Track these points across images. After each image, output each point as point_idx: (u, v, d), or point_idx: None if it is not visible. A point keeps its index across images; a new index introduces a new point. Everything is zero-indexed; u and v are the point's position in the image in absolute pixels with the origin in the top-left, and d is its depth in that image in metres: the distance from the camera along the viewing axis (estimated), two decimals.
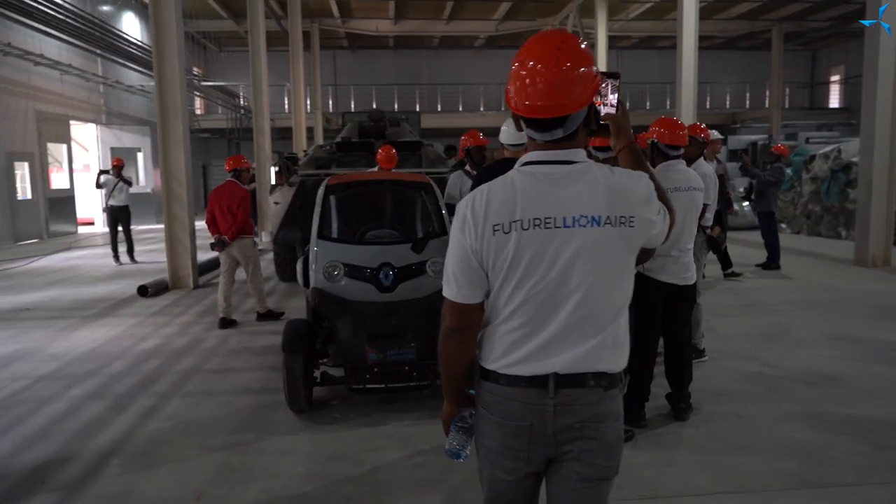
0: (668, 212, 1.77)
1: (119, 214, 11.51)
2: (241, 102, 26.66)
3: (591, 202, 1.63)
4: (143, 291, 8.62)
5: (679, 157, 4.16)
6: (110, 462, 3.76)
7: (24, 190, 15.85)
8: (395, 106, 28.33)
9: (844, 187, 13.12)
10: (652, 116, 7.38)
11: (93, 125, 19.48)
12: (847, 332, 6.21)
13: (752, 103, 31.75)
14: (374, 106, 23.80)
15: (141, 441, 4.06)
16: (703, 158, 5.11)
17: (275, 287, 9.22)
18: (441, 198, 4.94)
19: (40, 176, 16.40)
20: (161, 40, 9.01)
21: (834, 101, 32.09)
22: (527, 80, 1.63)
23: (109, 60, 18.97)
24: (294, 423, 4.28)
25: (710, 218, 5.07)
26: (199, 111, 27.64)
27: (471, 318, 1.73)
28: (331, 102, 29.98)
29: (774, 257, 9.73)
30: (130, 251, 11.76)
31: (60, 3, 15.02)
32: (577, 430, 1.68)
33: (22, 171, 15.83)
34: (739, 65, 31.55)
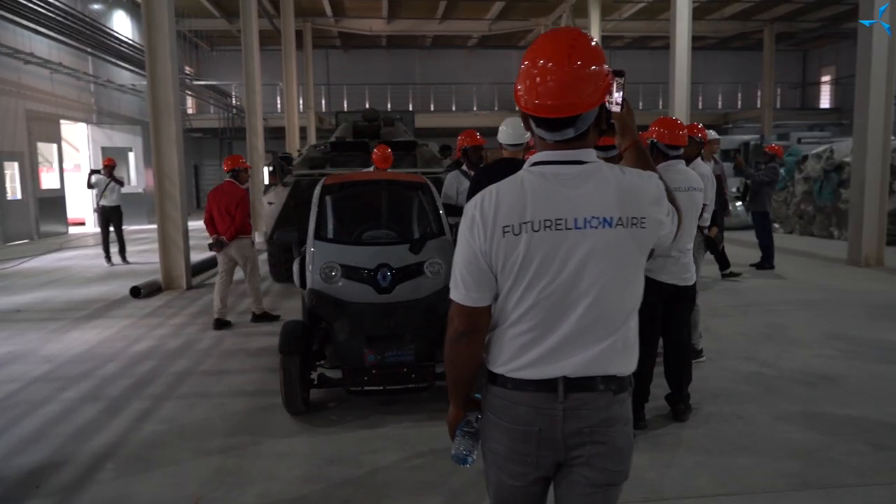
0: (676, 212, 1.75)
1: (110, 215, 11.40)
2: (234, 102, 26.56)
3: (602, 203, 1.60)
4: (136, 292, 8.54)
5: (679, 157, 4.16)
6: (105, 466, 3.71)
7: (13, 190, 15.72)
8: (389, 105, 28.34)
9: (837, 187, 13.18)
10: (645, 116, 7.35)
11: (83, 124, 19.32)
12: (844, 332, 6.22)
13: (744, 103, 31.92)
14: (367, 105, 23.78)
15: (135, 444, 4.01)
16: (700, 158, 5.11)
17: (269, 287, 9.16)
18: (438, 198, 4.92)
19: (30, 176, 16.26)
20: (153, 39, 8.94)
21: (825, 102, 32.32)
22: (537, 79, 1.59)
23: (100, 59, 18.84)
24: (291, 425, 4.24)
25: (708, 218, 5.05)
26: (190, 110, 27.54)
27: (479, 322, 1.70)
28: (324, 102, 29.93)
29: (768, 257, 9.74)
30: (122, 252, 11.68)
31: (51, 0, 14.89)
32: (587, 434, 1.65)
33: (11, 170, 15.70)
34: (731, 65, 31.74)
